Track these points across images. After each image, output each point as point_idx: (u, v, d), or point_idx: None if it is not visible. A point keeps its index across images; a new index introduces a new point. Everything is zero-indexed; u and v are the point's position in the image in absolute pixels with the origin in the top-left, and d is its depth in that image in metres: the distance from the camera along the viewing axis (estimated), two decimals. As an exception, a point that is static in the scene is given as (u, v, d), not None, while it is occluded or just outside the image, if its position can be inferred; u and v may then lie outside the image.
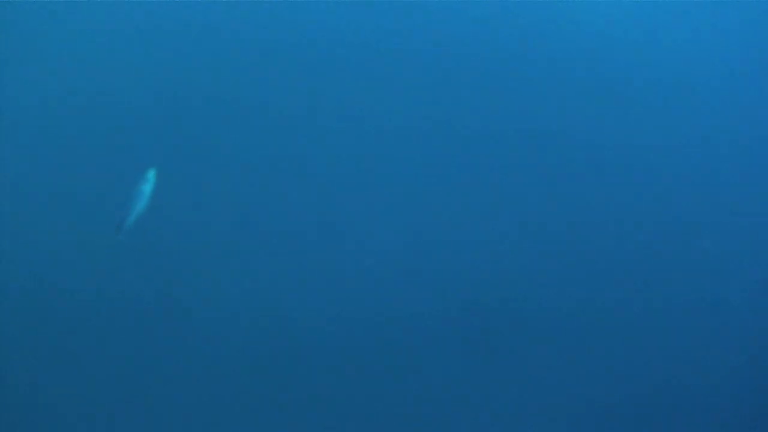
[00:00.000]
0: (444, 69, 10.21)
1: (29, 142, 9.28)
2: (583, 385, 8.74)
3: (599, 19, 10.80)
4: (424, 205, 9.45)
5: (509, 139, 9.88)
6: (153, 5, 10.05)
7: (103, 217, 8.48)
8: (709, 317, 9.22)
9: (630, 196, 9.80)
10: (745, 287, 9.38)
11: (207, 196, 9.19)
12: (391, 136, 9.79)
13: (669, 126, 10.22)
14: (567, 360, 8.84)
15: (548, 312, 9.02)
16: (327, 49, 10.19)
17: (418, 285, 9.02)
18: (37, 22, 9.81)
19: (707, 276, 9.40)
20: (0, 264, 8.65)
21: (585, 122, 10.06)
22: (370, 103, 9.90)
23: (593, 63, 10.46)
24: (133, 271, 8.74)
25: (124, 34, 9.94)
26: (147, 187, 8.11)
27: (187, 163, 9.21)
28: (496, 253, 9.27)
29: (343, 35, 10.30)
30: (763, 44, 10.74)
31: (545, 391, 8.68)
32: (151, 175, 8.16)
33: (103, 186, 8.95)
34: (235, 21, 10.17)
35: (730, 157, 10.13)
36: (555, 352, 8.86)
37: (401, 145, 9.75)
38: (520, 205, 9.57)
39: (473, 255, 9.24)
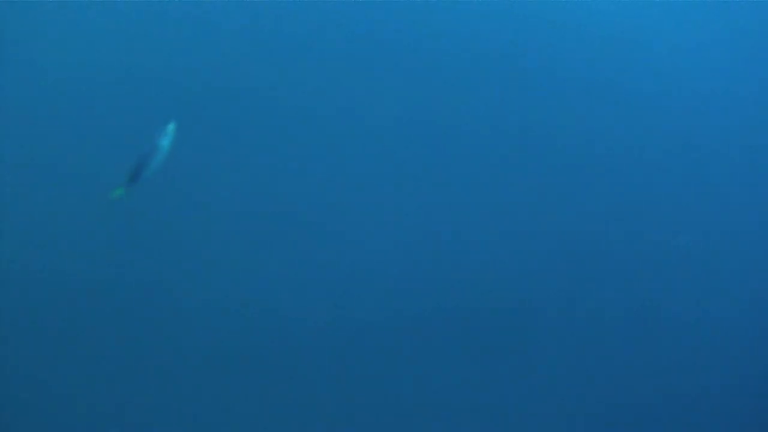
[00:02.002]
0: (441, 70, 10.23)
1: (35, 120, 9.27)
2: (576, 385, 8.77)
3: (596, 20, 10.83)
4: (423, 206, 9.46)
5: (504, 141, 9.92)
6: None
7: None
8: (698, 316, 9.29)
9: (623, 195, 9.85)
10: (728, 286, 9.44)
11: (203, 194, 9.19)
12: (390, 136, 9.80)
13: (658, 126, 10.27)
14: (558, 360, 8.87)
15: (543, 313, 9.05)
16: (326, 45, 10.19)
17: (416, 285, 9.03)
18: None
19: (692, 273, 9.47)
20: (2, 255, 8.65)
21: (574, 122, 10.09)
22: (370, 103, 9.91)
23: (580, 65, 10.51)
24: (129, 267, 8.72)
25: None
26: (165, 141, 7.82)
27: (185, 160, 9.21)
28: (492, 254, 9.30)
29: (346, 32, 10.30)
30: (737, 44, 10.79)
31: (541, 392, 8.71)
32: (171, 128, 7.85)
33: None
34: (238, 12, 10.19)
35: (713, 155, 10.18)
36: (547, 353, 8.89)
37: (401, 145, 9.76)
38: (512, 204, 9.61)
39: (471, 256, 9.25)
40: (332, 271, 8.99)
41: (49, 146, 9.13)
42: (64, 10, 9.80)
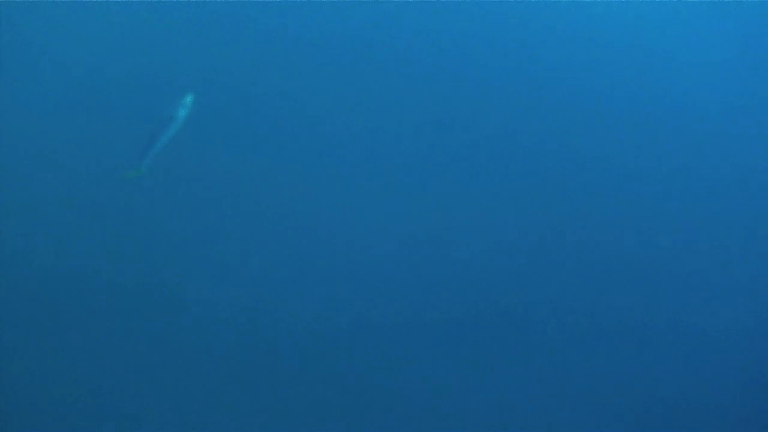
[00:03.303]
0: (442, 72, 10.26)
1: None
2: (572, 385, 8.80)
3: (597, 22, 10.87)
4: (423, 206, 9.49)
5: (503, 142, 9.95)
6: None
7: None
8: (692, 318, 9.31)
9: (620, 197, 9.88)
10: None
11: (204, 193, 9.24)
12: (391, 136, 9.83)
13: (652, 130, 10.30)
14: (554, 361, 8.89)
15: (540, 313, 9.08)
16: (325, 45, 10.23)
17: (415, 285, 9.06)
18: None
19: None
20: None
21: (568, 127, 10.13)
22: (371, 104, 9.95)
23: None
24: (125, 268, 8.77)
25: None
26: (182, 112, 7.85)
27: (187, 159, 9.27)
28: (489, 254, 9.32)
29: (342, 32, 10.34)
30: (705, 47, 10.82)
31: (537, 393, 8.73)
32: (188, 100, 7.88)
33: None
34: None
35: (706, 158, 10.21)
36: (543, 353, 8.92)
37: (402, 145, 9.80)
38: (509, 206, 9.63)
39: (469, 256, 9.28)
40: (332, 270, 9.03)
41: (49, 143, 9.23)
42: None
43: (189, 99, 7.76)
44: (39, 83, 9.50)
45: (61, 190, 9.02)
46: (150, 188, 9.06)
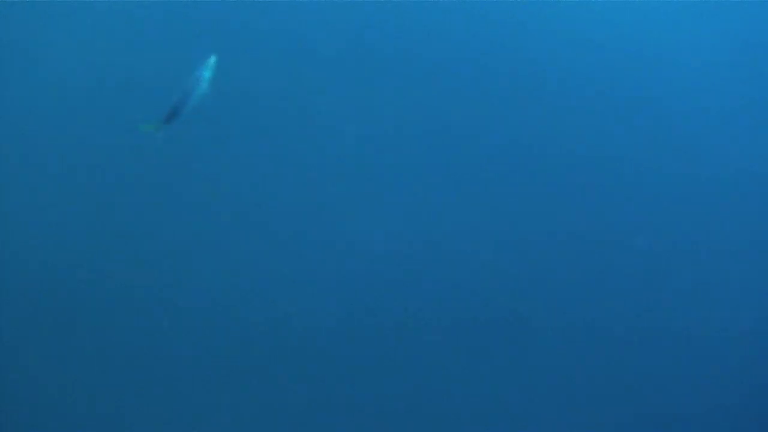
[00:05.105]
0: (443, 73, 10.28)
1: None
2: (568, 388, 8.81)
3: (596, 23, 10.89)
4: (423, 207, 9.51)
5: (503, 145, 9.97)
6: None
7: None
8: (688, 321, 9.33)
9: (616, 199, 9.89)
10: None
11: (204, 195, 9.25)
12: (391, 137, 9.84)
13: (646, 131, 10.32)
14: (551, 363, 8.91)
15: (539, 316, 9.10)
16: (324, 46, 10.24)
17: (416, 288, 9.08)
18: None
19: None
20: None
21: (564, 128, 10.14)
22: (370, 106, 9.96)
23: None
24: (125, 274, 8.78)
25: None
26: (206, 73, 7.95)
27: (190, 160, 9.27)
28: (490, 256, 9.34)
29: (341, 33, 10.35)
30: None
31: (534, 395, 8.75)
32: (212, 61, 8.00)
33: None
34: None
35: (699, 160, 10.23)
36: (541, 355, 8.93)
37: (402, 146, 9.81)
38: (507, 209, 9.65)
39: (469, 257, 9.30)
40: (332, 273, 9.04)
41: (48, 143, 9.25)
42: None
43: (212, 60, 7.88)
44: (39, 83, 9.52)
45: (61, 189, 9.04)
46: (151, 188, 9.09)
